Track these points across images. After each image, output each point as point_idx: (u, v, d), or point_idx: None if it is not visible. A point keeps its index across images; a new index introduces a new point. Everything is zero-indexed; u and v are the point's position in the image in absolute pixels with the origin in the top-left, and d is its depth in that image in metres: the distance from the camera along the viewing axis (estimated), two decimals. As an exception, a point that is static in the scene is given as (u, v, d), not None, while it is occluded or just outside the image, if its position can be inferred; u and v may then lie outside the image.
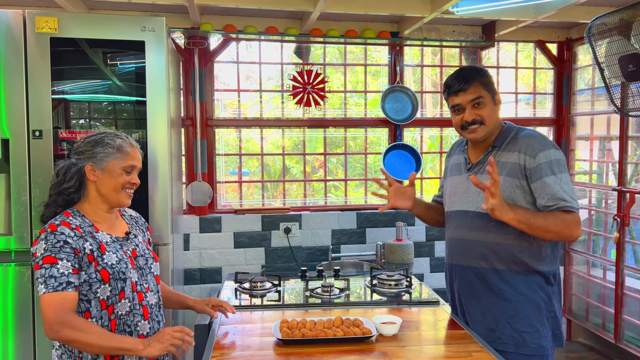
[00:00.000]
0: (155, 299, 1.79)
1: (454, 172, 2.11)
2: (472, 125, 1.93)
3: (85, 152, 1.69)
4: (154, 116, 2.34)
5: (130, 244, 1.76)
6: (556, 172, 1.83)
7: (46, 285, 1.53)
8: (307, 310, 2.25)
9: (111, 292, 1.64)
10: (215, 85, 3.44)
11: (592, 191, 3.76)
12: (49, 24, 2.21)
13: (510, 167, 1.89)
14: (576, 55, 3.79)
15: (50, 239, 1.57)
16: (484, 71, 1.96)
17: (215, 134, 3.45)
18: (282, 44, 3.52)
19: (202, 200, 3.33)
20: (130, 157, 1.71)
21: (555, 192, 1.81)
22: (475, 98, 1.91)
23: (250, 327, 2.00)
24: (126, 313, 1.68)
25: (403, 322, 1.96)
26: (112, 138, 1.71)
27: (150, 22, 2.30)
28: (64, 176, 1.69)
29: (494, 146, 1.95)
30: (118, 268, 1.66)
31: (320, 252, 3.48)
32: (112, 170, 1.68)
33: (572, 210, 1.81)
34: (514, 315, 1.90)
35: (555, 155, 1.85)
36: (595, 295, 3.65)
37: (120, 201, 1.71)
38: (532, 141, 1.89)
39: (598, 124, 3.67)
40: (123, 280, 1.66)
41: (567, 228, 1.80)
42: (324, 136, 3.63)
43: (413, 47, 3.70)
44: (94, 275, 1.60)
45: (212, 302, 2.00)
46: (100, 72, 2.46)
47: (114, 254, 1.67)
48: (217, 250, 3.38)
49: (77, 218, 1.66)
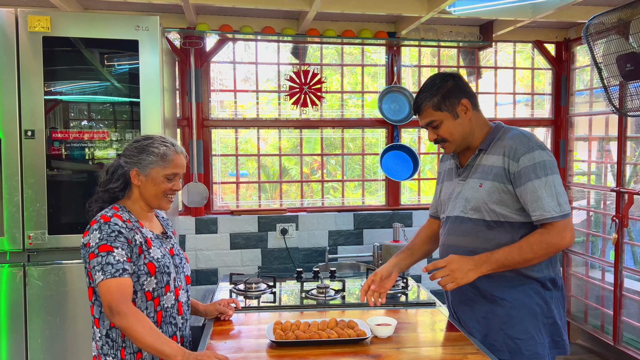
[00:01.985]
0: (186, 297, 1.86)
1: (447, 178, 2.06)
2: (439, 143, 1.92)
3: (132, 157, 1.74)
4: (147, 116, 2.32)
5: (168, 243, 1.83)
6: (541, 176, 1.74)
7: (104, 272, 1.58)
8: (302, 311, 2.22)
9: (157, 285, 1.70)
10: (211, 85, 3.42)
11: (590, 192, 3.74)
12: (42, 23, 2.19)
13: (496, 172, 1.83)
14: (574, 55, 3.78)
15: (104, 228, 1.63)
16: (436, 89, 1.85)
17: (211, 135, 3.42)
18: (279, 44, 3.50)
19: (198, 201, 3.31)
20: (173, 165, 1.74)
21: (536, 199, 1.75)
22: (429, 123, 1.88)
23: (244, 329, 1.97)
24: (171, 306, 1.75)
25: (399, 324, 1.93)
26: (157, 146, 1.74)
27: (143, 21, 2.28)
28: (112, 176, 1.76)
29: (480, 149, 1.89)
30: (163, 262, 1.72)
31: (317, 253, 3.45)
32: (155, 177, 1.72)
33: (555, 220, 1.74)
34: (507, 321, 1.84)
35: (540, 157, 1.76)
36: (594, 297, 3.62)
37: (160, 206, 1.78)
38: (516, 143, 1.81)
39: (596, 124, 3.65)
40: (168, 274, 1.73)
41: (551, 246, 1.74)
42: (321, 137, 3.61)
43: (411, 48, 3.68)
44: (142, 267, 1.66)
45: (222, 302, 2.05)
46: (94, 72, 2.44)
47: (158, 249, 1.74)
48: (213, 251, 3.35)
49: (125, 212, 1.72)
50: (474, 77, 3.80)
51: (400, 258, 2.10)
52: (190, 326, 2.06)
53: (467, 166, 1.93)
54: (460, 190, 1.92)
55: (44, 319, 2.29)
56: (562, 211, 1.75)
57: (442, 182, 2.09)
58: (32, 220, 1.78)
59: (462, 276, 1.73)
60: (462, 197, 1.91)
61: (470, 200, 1.87)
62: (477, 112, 1.90)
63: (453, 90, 1.85)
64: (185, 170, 1.81)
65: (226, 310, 2.02)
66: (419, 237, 2.17)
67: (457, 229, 1.93)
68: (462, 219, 1.90)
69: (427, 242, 2.15)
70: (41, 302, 2.29)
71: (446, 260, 1.75)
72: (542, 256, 1.76)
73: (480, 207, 1.85)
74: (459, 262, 1.74)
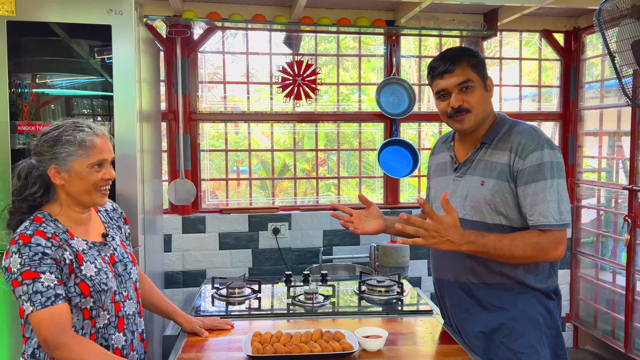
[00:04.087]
0: (134, 308, 1.63)
1: (439, 173, 1.86)
2: (459, 114, 1.67)
3: (45, 153, 1.48)
4: (121, 108, 2.15)
5: (108, 249, 1.59)
6: (547, 177, 1.57)
7: (32, 303, 1.37)
8: (288, 320, 2.05)
9: (94, 304, 1.49)
10: (199, 77, 3.24)
11: (600, 190, 3.55)
12: (5, 6, 2.02)
13: (500, 169, 1.64)
14: (584, 45, 3.57)
15: (25, 252, 1.39)
16: (473, 51, 1.70)
17: (199, 129, 3.25)
18: (271, 33, 3.32)
19: (185, 199, 3.14)
20: (98, 151, 1.49)
21: (537, 203, 1.57)
22: (463, 82, 1.65)
23: (221, 340, 1.80)
24: (104, 326, 1.53)
25: (392, 335, 1.76)
26: (72, 133, 1.47)
27: (117, 5, 2.10)
28: (26, 180, 1.50)
29: (482, 142, 1.70)
30: (98, 279, 1.49)
31: (310, 254, 3.28)
32: (78, 170, 1.47)
33: (552, 229, 1.56)
34: (509, 334, 1.67)
35: (549, 157, 1.59)
36: (604, 300, 3.43)
37: (94, 202, 1.53)
38: (525, 139, 1.62)
39: (608, 118, 3.45)
40: (105, 292, 1.50)
41: (540, 252, 1.56)
42: (316, 132, 3.43)
43: (410, 38, 3.49)
44: (72, 289, 1.44)
45: (206, 325, 1.83)
46: (65, 61, 2.27)
47: (92, 263, 1.50)
48: (201, 252, 3.19)
49: (50, 224, 1.47)
50: (477, 68, 3.60)
51: (393, 219, 1.89)
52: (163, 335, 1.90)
53: (465, 161, 1.73)
54: (456, 187, 1.73)
55: (10, 326, 2.13)
56: (562, 220, 1.57)
57: (433, 178, 1.90)
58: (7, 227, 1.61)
59: (437, 242, 1.50)
60: (459, 196, 1.72)
61: (470, 199, 1.68)
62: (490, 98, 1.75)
63: (484, 64, 1.70)
64: (113, 154, 1.56)
65: (202, 332, 1.79)
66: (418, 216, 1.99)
67: None
68: (460, 221, 1.71)
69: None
70: (7, 308, 2.13)
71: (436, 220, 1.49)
72: (528, 259, 1.59)
73: (481, 208, 1.66)
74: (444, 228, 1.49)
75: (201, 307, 2.15)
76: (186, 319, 1.83)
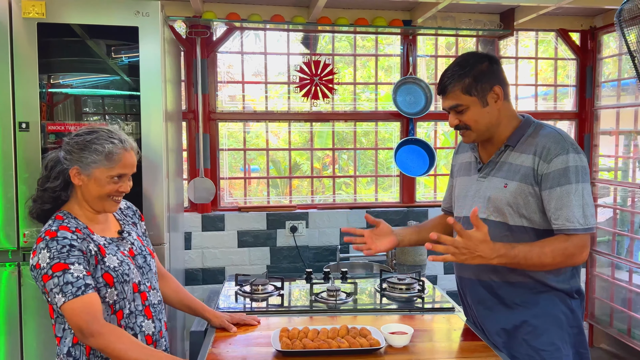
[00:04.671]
0: (158, 297, 1.71)
1: (463, 172, 1.88)
2: (460, 130, 1.72)
3: (73, 154, 1.55)
4: (148, 108, 2.19)
5: (125, 244, 1.66)
6: (572, 182, 1.58)
7: (64, 294, 1.43)
8: (311, 316, 2.08)
9: (118, 297, 1.56)
10: (218, 77, 3.28)
11: (617, 189, 3.55)
12: (36, 9, 2.07)
13: (524, 172, 1.65)
14: (601, 44, 3.57)
15: (52, 245, 1.46)
16: (469, 69, 1.64)
17: (218, 128, 3.29)
18: (289, 34, 3.35)
19: (204, 198, 3.18)
20: (121, 166, 1.56)
21: (562, 207, 1.58)
22: (453, 106, 1.68)
23: (248, 336, 1.84)
24: (127, 315, 1.59)
25: (415, 332, 1.79)
26: (102, 143, 1.54)
27: (144, 6, 2.14)
28: (49, 173, 1.59)
29: (507, 145, 1.71)
30: (121, 270, 1.56)
31: (327, 252, 3.31)
32: (98, 177, 1.54)
33: (577, 233, 1.57)
34: (531, 331, 1.68)
35: (574, 161, 1.59)
36: (620, 299, 3.44)
37: (104, 209, 1.60)
38: (550, 142, 1.62)
39: (624, 117, 3.45)
40: (127, 282, 1.58)
41: (568, 258, 1.58)
42: (332, 130, 3.46)
43: (427, 38, 3.51)
44: (100, 280, 1.52)
45: (234, 320, 1.88)
46: (93, 62, 2.32)
47: (114, 255, 1.58)
48: (220, 249, 3.23)
49: (72, 221, 1.55)
50: (493, 67, 3.62)
51: (406, 231, 1.95)
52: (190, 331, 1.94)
53: (489, 162, 1.75)
54: (479, 188, 1.75)
55: (38, 321, 2.18)
56: (587, 224, 1.58)
57: (457, 177, 1.91)
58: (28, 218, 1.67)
59: (467, 258, 1.52)
60: (482, 197, 1.73)
61: (493, 200, 1.70)
62: (507, 103, 1.71)
63: (487, 74, 1.65)
64: (135, 169, 1.62)
65: (230, 327, 1.84)
66: (429, 222, 2.02)
67: None
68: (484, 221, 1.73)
69: (436, 228, 1.96)
70: (37, 303, 2.18)
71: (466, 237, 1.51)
72: (557, 265, 1.60)
73: (504, 210, 1.68)
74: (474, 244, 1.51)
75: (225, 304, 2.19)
76: (214, 315, 1.88)
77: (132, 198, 2.20)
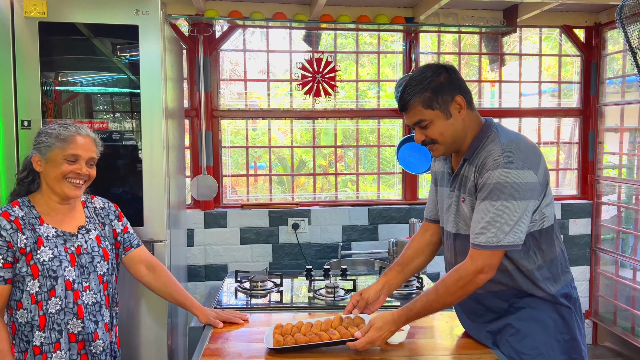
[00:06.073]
0: (94, 299, 1.75)
1: (440, 182, 1.83)
2: (427, 145, 1.66)
3: (34, 143, 1.71)
4: (148, 106, 2.21)
5: (76, 241, 1.73)
6: (492, 199, 1.51)
7: None
8: (310, 313, 2.10)
9: (40, 289, 1.64)
10: (220, 74, 3.30)
11: (621, 186, 3.52)
12: (38, 8, 2.09)
13: (470, 186, 1.61)
14: (605, 41, 3.54)
15: None
16: (427, 83, 1.58)
17: (221, 126, 3.31)
18: (291, 31, 3.36)
19: (207, 195, 3.20)
20: (73, 147, 1.67)
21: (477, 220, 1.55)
22: (416, 122, 1.62)
23: (244, 332, 1.85)
24: (57, 311, 1.66)
25: (413, 329, 1.80)
26: (55, 128, 1.69)
27: (144, 5, 2.16)
28: (22, 166, 1.76)
29: (464, 159, 1.65)
30: (49, 265, 1.65)
31: (329, 249, 3.32)
32: (53, 159, 1.66)
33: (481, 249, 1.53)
34: (514, 334, 1.64)
35: (502, 177, 1.50)
36: (624, 297, 3.42)
37: (64, 191, 1.69)
38: (487, 155, 1.56)
39: (629, 114, 3.42)
40: (54, 279, 1.65)
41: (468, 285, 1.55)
42: (335, 128, 3.47)
43: (429, 35, 3.50)
44: (24, 270, 1.62)
45: (221, 317, 1.91)
46: (92, 60, 2.33)
47: (51, 250, 1.66)
48: (222, 246, 3.25)
49: (24, 208, 1.67)
50: (497, 64, 3.60)
51: (390, 277, 1.89)
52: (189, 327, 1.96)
53: (455, 175, 1.70)
54: (451, 202, 1.71)
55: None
56: (496, 242, 1.51)
57: (437, 185, 1.85)
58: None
59: (380, 341, 1.61)
60: (452, 211, 1.71)
61: (461, 215, 1.67)
62: (471, 112, 1.64)
63: (446, 85, 1.59)
64: (93, 154, 1.72)
65: (217, 323, 1.88)
66: (409, 249, 1.94)
67: (453, 246, 1.73)
68: (455, 236, 1.71)
69: (419, 255, 1.92)
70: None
71: (368, 326, 1.62)
72: (462, 296, 1.58)
73: (469, 224, 1.63)
74: (378, 330, 1.61)
75: (225, 300, 2.21)
76: (201, 311, 1.91)
77: (132, 195, 2.24)
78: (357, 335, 1.62)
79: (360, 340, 1.60)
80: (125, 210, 2.00)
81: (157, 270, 1.94)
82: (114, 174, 2.24)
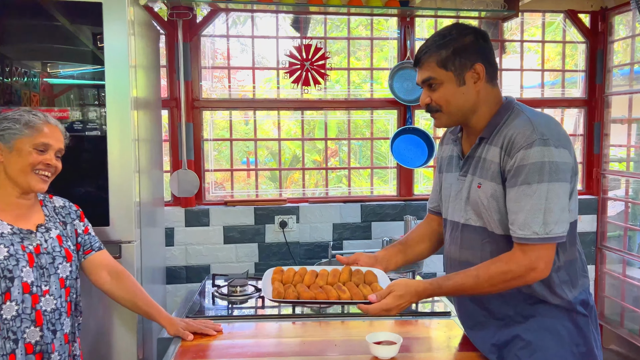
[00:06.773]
0: (55, 305, 1.57)
1: (447, 167, 1.64)
2: (431, 112, 1.49)
3: None
4: (113, 96, 2.00)
5: (35, 239, 1.56)
6: (531, 181, 1.33)
7: None
8: (294, 322, 1.90)
9: None
10: (202, 62, 3.08)
11: (629, 180, 3.34)
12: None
13: (493, 170, 1.42)
14: (612, 27, 3.34)
15: None
16: (448, 41, 1.43)
17: (203, 117, 3.10)
18: (277, 15, 3.14)
19: (188, 191, 2.99)
20: (43, 135, 1.54)
21: (516, 211, 1.35)
22: (425, 79, 1.46)
23: (217, 345, 1.65)
24: (12, 318, 1.50)
25: (407, 340, 1.61)
26: (22, 114, 1.55)
27: (108, -20, 1.94)
28: None
29: (481, 137, 1.47)
30: (4, 265, 1.49)
31: (320, 248, 3.12)
32: (20, 148, 1.52)
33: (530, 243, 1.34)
34: (524, 347, 1.45)
35: (538, 156, 1.33)
36: (631, 298, 3.24)
37: (30, 185, 1.53)
38: (516, 133, 1.38)
39: (637, 104, 3.23)
40: (10, 280, 1.49)
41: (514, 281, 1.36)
42: (325, 120, 3.26)
43: (426, 20, 3.29)
44: None
45: (191, 327, 1.71)
46: (53, 42, 2.12)
47: (6, 247, 1.50)
48: (204, 246, 3.04)
49: None
50: (497, 51, 3.40)
51: (390, 253, 1.71)
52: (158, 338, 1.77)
53: (467, 158, 1.51)
54: (460, 188, 1.52)
55: None
56: (546, 233, 1.33)
57: (443, 172, 1.66)
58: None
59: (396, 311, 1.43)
60: (461, 198, 1.51)
61: (471, 203, 1.47)
62: (490, 86, 1.47)
63: (469, 48, 1.43)
64: (62, 145, 1.58)
65: (186, 335, 1.68)
66: (414, 233, 1.77)
67: (458, 238, 1.53)
68: (463, 227, 1.51)
69: (424, 240, 1.75)
70: None
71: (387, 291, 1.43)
72: (503, 289, 1.39)
73: (482, 214, 1.45)
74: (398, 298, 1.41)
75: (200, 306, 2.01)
76: (169, 322, 1.72)
77: (96, 193, 2.03)
78: (371, 298, 1.42)
79: (375, 306, 1.40)
80: (89, 208, 1.81)
81: (121, 277, 1.76)
82: (76, 167, 2.03)
